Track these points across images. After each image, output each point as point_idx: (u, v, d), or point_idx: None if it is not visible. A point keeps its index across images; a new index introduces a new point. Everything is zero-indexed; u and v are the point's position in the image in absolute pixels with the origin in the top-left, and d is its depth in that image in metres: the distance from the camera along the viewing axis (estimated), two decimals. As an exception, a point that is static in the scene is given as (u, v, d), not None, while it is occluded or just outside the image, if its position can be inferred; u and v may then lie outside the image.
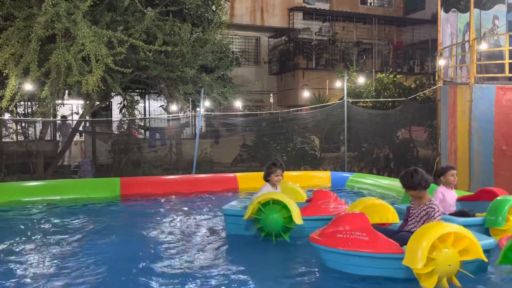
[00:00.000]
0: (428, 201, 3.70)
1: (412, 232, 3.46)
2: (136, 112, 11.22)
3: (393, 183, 8.07)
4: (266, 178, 4.94)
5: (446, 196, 4.73)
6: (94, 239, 4.88)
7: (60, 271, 3.80)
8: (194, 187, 8.43)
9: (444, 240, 3.23)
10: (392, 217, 4.29)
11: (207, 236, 5.00)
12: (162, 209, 6.67)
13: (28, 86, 8.44)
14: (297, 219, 4.45)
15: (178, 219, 5.90)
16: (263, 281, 3.51)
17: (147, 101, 15.96)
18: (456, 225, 3.30)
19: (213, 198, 7.77)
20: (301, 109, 14.34)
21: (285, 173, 5.11)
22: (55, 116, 11.31)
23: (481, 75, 9.03)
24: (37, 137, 11.18)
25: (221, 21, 10.86)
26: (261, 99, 17.47)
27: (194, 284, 3.44)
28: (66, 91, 9.37)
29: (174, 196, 7.89)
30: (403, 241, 3.41)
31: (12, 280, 3.57)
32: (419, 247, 3.16)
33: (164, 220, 5.87)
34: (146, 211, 6.54)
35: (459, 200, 5.06)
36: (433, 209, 3.62)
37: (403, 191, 4.17)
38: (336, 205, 4.98)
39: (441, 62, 9.68)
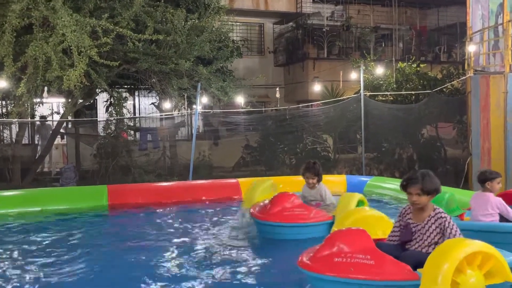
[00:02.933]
0: (433, 209, 3.44)
1: (423, 252, 3.28)
2: (124, 110, 11.24)
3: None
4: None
5: None
6: (78, 257, 4.88)
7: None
8: (191, 195, 8.42)
9: (471, 262, 2.98)
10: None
11: (208, 252, 4.99)
12: (155, 221, 6.68)
13: (2, 83, 8.48)
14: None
15: (173, 233, 5.90)
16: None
17: (136, 98, 15.99)
18: (481, 242, 3.07)
19: (213, 207, 7.77)
20: (311, 104, 14.30)
21: (293, 178, 5.24)
22: (33, 116, 11.35)
23: (518, 63, 8.97)
24: (13, 140, 11.22)
25: (219, 6, 10.87)
26: (266, 94, 17.47)
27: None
28: (45, 88, 9.39)
29: (168, 206, 7.89)
30: (414, 262, 3.20)
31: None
32: (440, 270, 2.84)
33: (157, 233, 5.87)
34: (137, 223, 6.54)
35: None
36: (445, 219, 3.34)
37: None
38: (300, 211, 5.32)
39: (471, 49, 9.63)
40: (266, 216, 5.31)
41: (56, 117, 12.53)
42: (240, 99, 12.07)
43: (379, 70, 12.56)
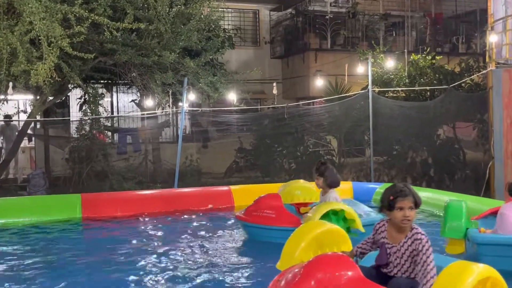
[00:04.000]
0: (411, 228, 3.30)
1: (408, 278, 3.23)
2: (100, 109, 11.21)
3: (434, 196, 8.05)
4: None
5: None
6: (47, 278, 4.84)
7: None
8: (176, 205, 8.42)
9: None
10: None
11: (195, 271, 4.99)
12: (135, 236, 6.67)
13: (-39, 78, 8.43)
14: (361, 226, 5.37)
15: (156, 249, 5.89)
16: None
17: (114, 95, 15.94)
18: (487, 266, 3.06)
19: (202, 219, 7.76)
20: (313, 102, 14.32)
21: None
22: (-4, 116, 11.32)
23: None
24: (-26, 143, 11.18)
25: (208, -10, 10.88)
26: (262, 90, 17.48)
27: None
28: (10, 84, 9.35)
29: (151, 218, 7.87)
30: None
31: None
32: None
33: (138, 250, 5.85)
34: (115, 238, 6.53)
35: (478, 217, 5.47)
36: (421, 241, 3.22)
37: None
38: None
39: (492, 39, 9.67)
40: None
41: (23, 117, 12.48)
42: (232, 96, 12.07)
43: (390, 63, 12.59)
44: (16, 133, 11.70)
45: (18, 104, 13.55)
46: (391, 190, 3.33)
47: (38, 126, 12.76)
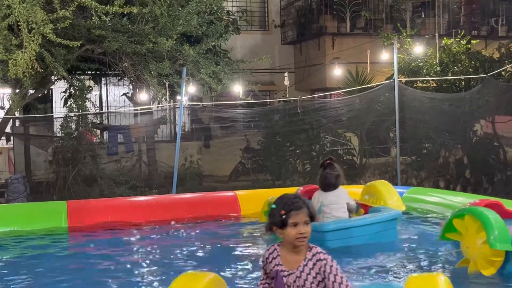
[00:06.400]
0: (309, 249, 3.14)
1: None
2: (88, 104, 11.26)
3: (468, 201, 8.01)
4: None
5: None
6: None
7: None
8: (175, 213, 8.42)
9: None
10: None
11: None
12: (128, 248, 6.68)
13: None
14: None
15: (152, 264, 5.90)
16: None
17: (104, 88, 16.01)
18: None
19: (204, 228, 7.77)
20: (330, 94, 14.29)
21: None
22: (-30, 112, 11.39)
23: None
24: None
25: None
26: (272, 81, 17.47)
27: None
28: (-14, 76, 9.43)
29: (146, 228, 7.90)
30: None
31: None
32: None
33: (133, 265, 5.86)
34: (105, 251, 6.54)
35: None
36: (326, 261, 3.08)
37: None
38: None
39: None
40: None
41: (0, 113, 12.56)
42: (237, 88, 12.08)
43: (418, 49, 12.54)
44: (-7, 132, 11.77)
45: (-5, 99, 13.65)
46: (282, 203, 3.14)
47: (17, 123, 12.83)
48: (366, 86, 12.58)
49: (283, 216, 3.08)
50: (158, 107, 12.91)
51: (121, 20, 9.93)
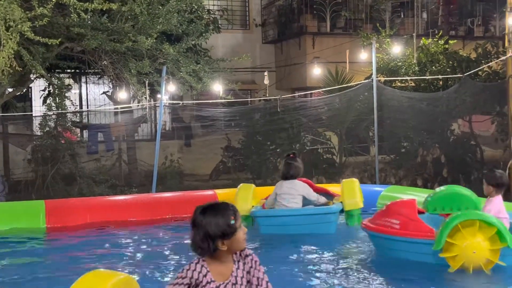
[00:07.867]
0: (241, 252, 3.04)
1: None
2: (67, 102, 11.17)
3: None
4: None
5: None
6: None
7: None
8: (155, 212, 8.41)
9: None
10: None
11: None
12: (108, 248, 6.64)
13: None
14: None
15: (134, 265, 5.86)
16: None
17: (83, 86, 15.90)
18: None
19: (184, 228, 7.74)
20: (310, 93, 14.33)
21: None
22: None
23: None
24: None
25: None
26: (252, 80, 17.48)
27: None
28: (-37, 74, 9.31)
29: (125, 227, 7.85)
30: None
31: None
32: None
33: (113, 267, 5.82)
34: (85, 252, 6.49)
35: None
36: (252, 256, 3.04)
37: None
38: None
39: (512, 21, 9.73)
40: None
41: (-22, 112, 12.40)
42: (218, 87, 12.05)
43: (397, 49, 12.63)
44: (-30, 131, 11.62)
45: (-28, 97, 13.45)
46: (226, 210, 2.97)
47: (-5, 122, 12.68)
48: (345, 85, 12.64)
49: (232, 222, 2.93)
50: (138, 105, 12.85)
51: (100, 18, 9.87)
